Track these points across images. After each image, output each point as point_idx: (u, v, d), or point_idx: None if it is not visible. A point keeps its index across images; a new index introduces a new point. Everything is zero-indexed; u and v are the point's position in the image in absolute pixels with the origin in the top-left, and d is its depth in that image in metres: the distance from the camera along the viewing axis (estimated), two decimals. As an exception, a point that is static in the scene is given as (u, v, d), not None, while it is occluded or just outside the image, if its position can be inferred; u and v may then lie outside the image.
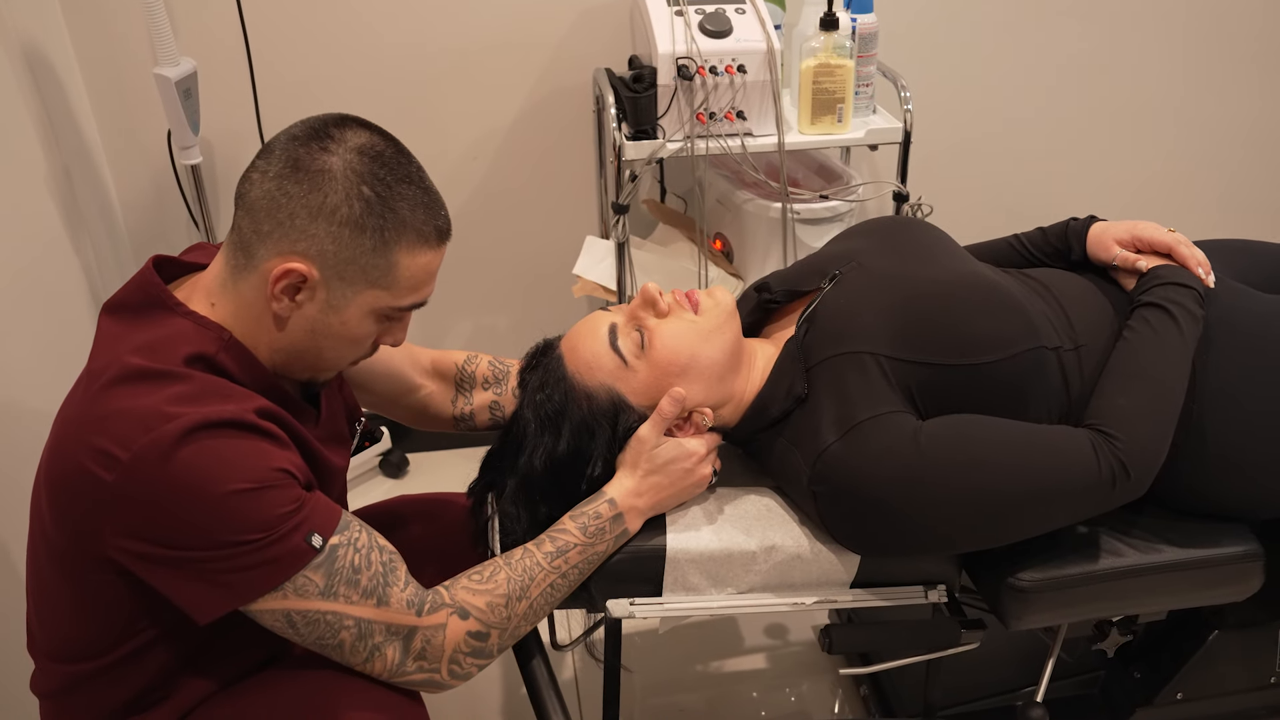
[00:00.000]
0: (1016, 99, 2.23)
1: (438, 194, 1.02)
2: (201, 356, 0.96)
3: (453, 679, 1.04)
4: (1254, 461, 1.18)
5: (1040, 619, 1.20)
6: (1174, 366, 1.13)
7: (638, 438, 1.13)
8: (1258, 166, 2.40)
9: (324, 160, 0.95)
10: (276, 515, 0.92)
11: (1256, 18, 2.23)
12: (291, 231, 0.95)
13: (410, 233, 0.98)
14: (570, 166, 2.13)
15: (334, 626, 0.97)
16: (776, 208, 1.79)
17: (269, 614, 0.95)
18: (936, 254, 1.24)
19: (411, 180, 0.99)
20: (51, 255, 1.75)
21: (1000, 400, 1.12)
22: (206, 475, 0.89)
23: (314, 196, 0.94)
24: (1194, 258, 1.21)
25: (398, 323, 1.06)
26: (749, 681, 1.78)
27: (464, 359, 1.38)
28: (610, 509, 1.11)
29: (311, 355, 1.03)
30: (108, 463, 0.89)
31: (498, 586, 1.05)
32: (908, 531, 1.09)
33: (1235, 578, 1.21)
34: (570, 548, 1.09)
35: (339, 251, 0.96)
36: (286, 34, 1.93)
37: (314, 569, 0.95)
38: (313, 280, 0.96)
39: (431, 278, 1.03)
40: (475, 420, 1.37)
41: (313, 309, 0.99)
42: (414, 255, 0.99)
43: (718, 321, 1.15)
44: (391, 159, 0.98)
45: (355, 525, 1.00)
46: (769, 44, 1.68)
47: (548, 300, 2.23)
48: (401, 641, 1.00)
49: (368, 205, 0.95)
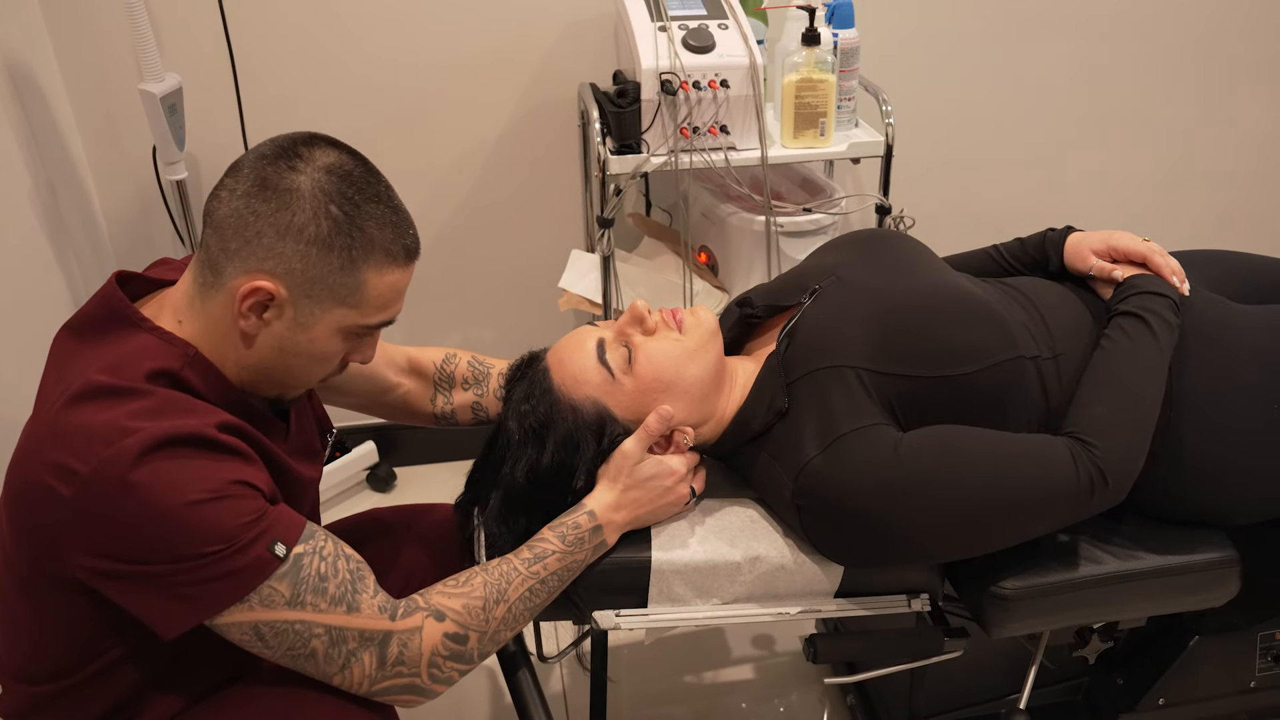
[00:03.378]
0: (997, 113, 2.26)
1: (406, 213, 1.03)
2: (165, 372, 0.96)
3: (434, 684, 1.03)
4: (1228, 469, 1.19)
5: (1022, 626, 1.21)
6: (1151, 375, 1.15)
7: (621, 452, 1.13)
8: (1241, 179, 2.43)
9: (292, 179, 0.95)
10: (236, 525, 0.91)
11: (1238, 31, 2.27)
12: (259, 250, 0.95)
13: (378, 252, 0.98)
14: (555, 181, 2.14)
15: (304, 636, 0.96)
16: (760, 221, 1.80)
17: (236, 628, 0.94)
18: (914, 266, 1.25)
19: (380, 199, 0.99)
20: (35, 270, 1.75)
21: (980, 410, 1.13)
22: (165, 488, 0.89)
23: (282, 215, 0.94)
24: (1169, 266, 1.23)
25: (366, 340, 1.06)
26: (737, 693, 1.79)
27: (442, 358, 1.37)
28: (589, 520, 1.11)
29: (280, 372, 1.03)
30: (67, 477, 0.89)
31: (474, 590, 1.05)
32: (890, 542, 1.10)
33: (1213, 583, 1.23)
34: (548, 554, 1.09)
35: (306, 270, 0.96)
36: (272, 49, 1.94)
37: (279, 579, 0.94)
38: (280, 298, 0.96)
39: (400, 296, 1.03)
40: (457, 419, 1.37)
41: (280, 327, 0.99)
42: (382, 274, 0.99)
43: (701, 340, 1.16)
44: (360, 178, 0.98)
45: (320, 535, 1.00)
46: (751, 59, 1.69)
47: (534, 313, 2.24)
48: (377, 648, 0.99)
49: (335, 224, 0.95)
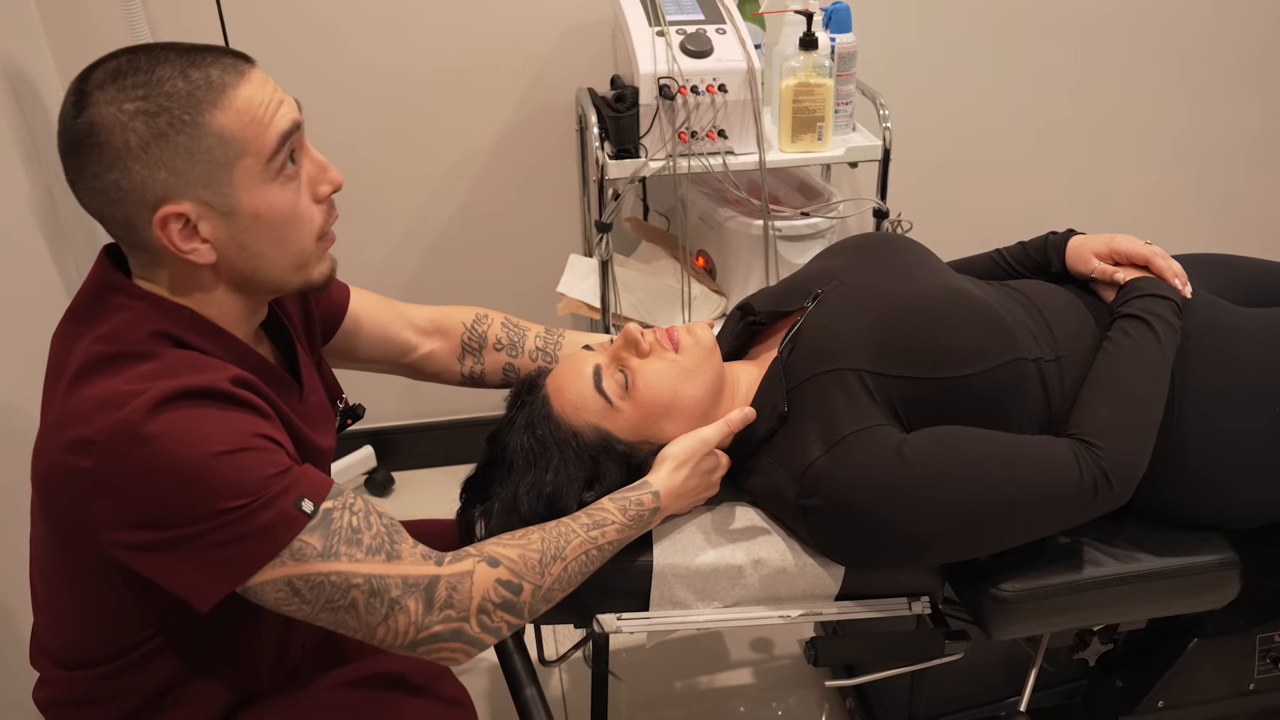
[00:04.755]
0: (994, 117, 2.27)
1: (201, 46, 0.92)
2: (167, 334, 0.93)
3: (483, 633, 0.99)
4: (1230, 471, 1.20)
5: (1022, 629, 1.21)
6: (1153, 377, 1.15)
7: (702, 438, 1.14)
8: (1242, 182, 2.44)
9: (86, 123, 0.88)
10: (262, 478, 0.88)
11: (1237, 35, 2.28)
12: (130, 196, 0.89)
13: (200, 96, 0.89)
14: (553, 185, 2.15)
15: (341, 587, 0.92)
16: (758, 225, 1.80)
17: (270, 586, 0.90)
18: (916, 269, 1.26)
19: (161, 61, 0.89)
20: (33, 274, 1.74)
21: (982, 412, 1.14)
22: (184, 440, 0.86)
23: (107, 154, 0.88)
24: (1170, 269, 1.23)
25: (300, 166, 0.96)
26: (736, 696, 1.79)
27: (473, 318, 1.35)
28: (653, 500, 1.11)
29: (264, 265, 0.96)
30: (83, 449, 0.87)
31: (531, 543, 1.02)
32: (893, 543, 1.10)
33: (1213, 586, 1.23)
34: (608, 523, 1.07)
35: (174, 169, 0.89)
36: (271, 54, 1.93)
37: (309, 532, 0.90)
38: (191, 210, 0.90)
39: (266, 102, 0.92)
40: (486, 380, 1.36)
41: (219, 227, 0.92)
42: (226, 107, 0.89)
43: (698, 360, 1.16)
44: (128, 63, 0.89)
45: (350, 493, 0.96)
46: (749, 64, 1.70)
47: (532, 318, 2.21)
48: (423, 593, 0.95)
49: (145, 115, 0.87)
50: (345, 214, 2.06)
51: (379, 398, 2.20)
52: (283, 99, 0.94)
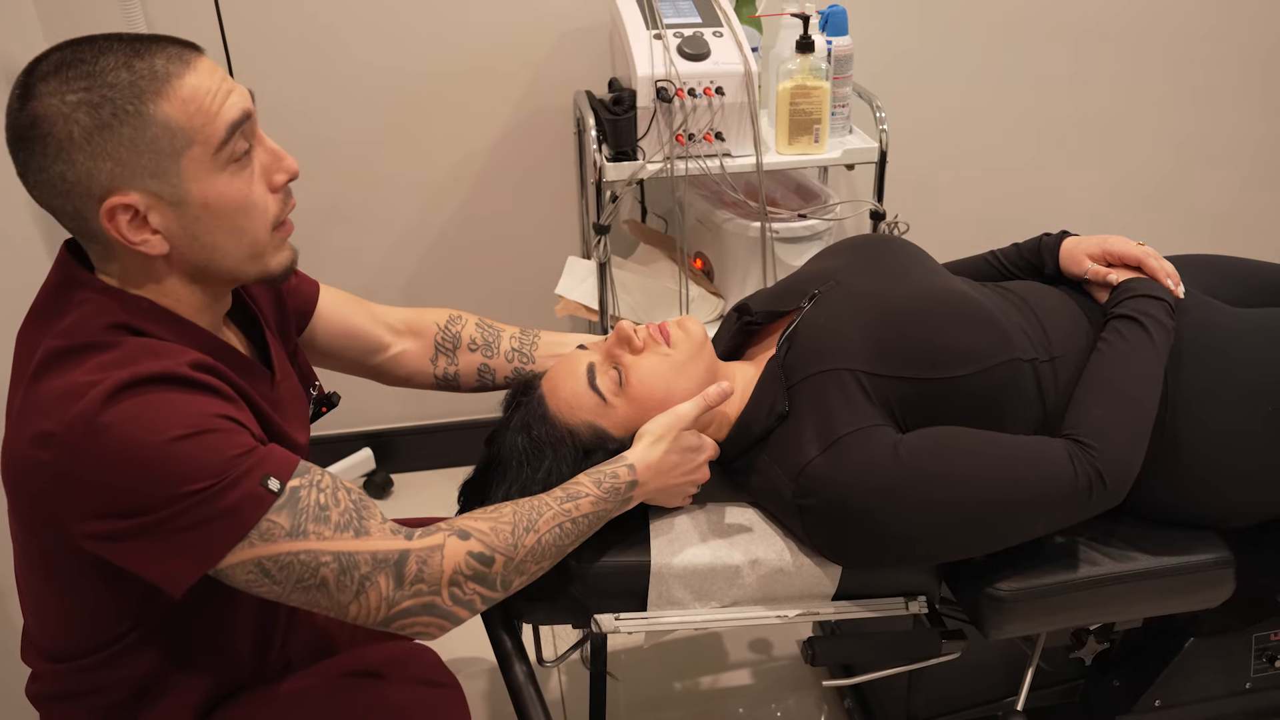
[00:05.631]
0: (991, 118, 2.27)
1: (147, 36, 0.91)
2: (125, 325, 0.92)
3: (456, 606, 0.98)
4: (1224, 471, 1.20)
5: (1018, 628, 1.22)
6: (1147, 377, 1.16)
7: (675, 412, 1.13)
8: (1244, 188, 2.45)
9: (30, 116, 0.87)
10: (225, 459, 0.88)
11: (1231, 38, 2.29)
12: (78, 189, 0.88)
13: (144, 87, 0.87)
14: (552, 188, 2.15)
15: (310, 566, 0.92)
16: (755, 227, 1.81)
17: (240, 569, 0.90)
18: (912, 270, 1.27)
19: (105, 52, 0.88)
20: (32, 278, 1.75)
21: (977, 412, 1.14)
22: (140, 427, 0.85)
23: (50, 146, 0.87)
24: (1163, 269, 1.24)
25: (254, 154, 0.95)
26: (735, 697, 1.79)
27: (446, 319, 1.34)
28: (629, 473, 1.10)
29: (218, 256, 0.94)
30: (44, 442, 0.86)
31: (503, 515, 1.02)
32: (889, 542, 1.11)
33: (1208, 585, 1.24)
34: (581, 496, 1.07)
35: (119, 160, 0.87)
36: (268, 57, 1.95)
37: (276, 511, 0.90)
38: (139, 201, 0.89)
39: (214, 92, 0.90)
40: (460, 382, 1.35)
41: (169, 218, 0.91)
42: (171, 96, 0.88)
43: (690, 353, 1.17)
44: (72, 54, 0.88)
45: (317, 470, 0.95)
46: (746, 66, 1.71)
47: (530, 320, 2.21)
48: (393, 569, 0.95)
49: (89, 106, 0.86)
50: (344, 215, 2.08)
51: (378, 400, 2.20)
52: (232, 89, 0.92)
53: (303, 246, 1.05)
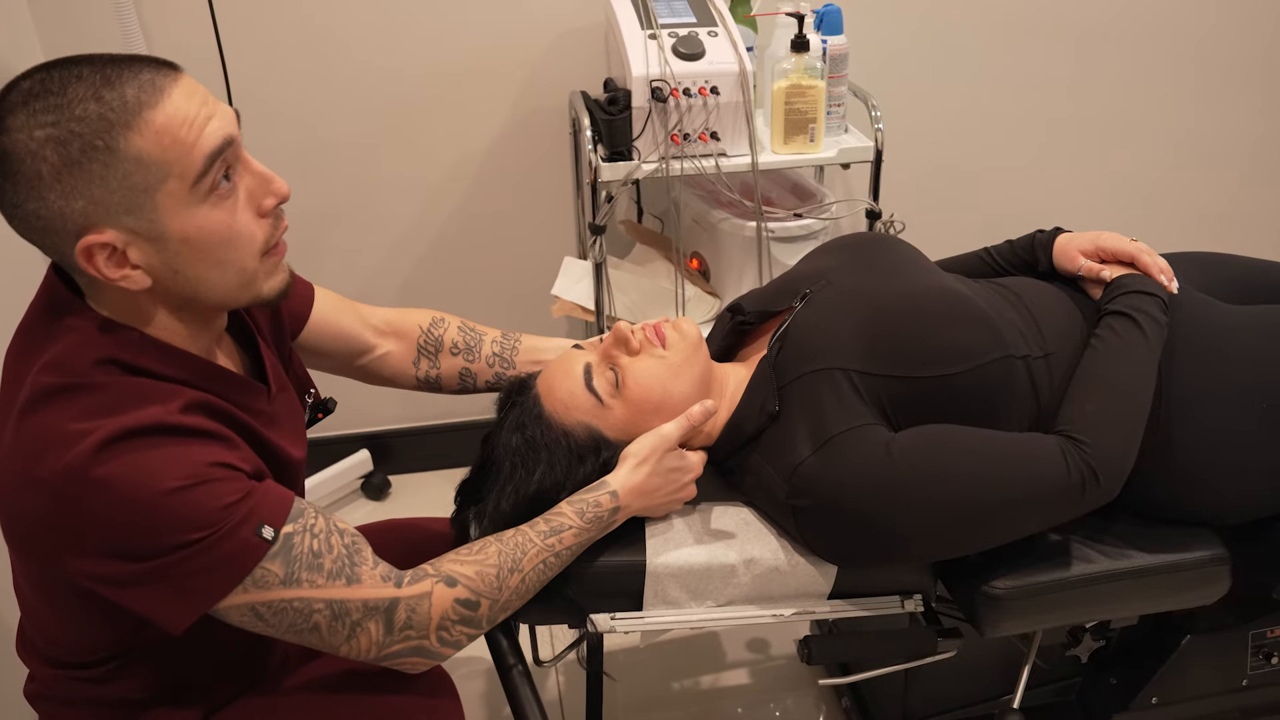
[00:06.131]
0: (986, 117, 2.28)
1: (121, 58, 0.86)
2: (113, 359, 0.89)
3: (443, 647, 1.01)
4: (1218, 467, 1.20)
5: (1014, 626, 1.22)
6: (1140, 373, 1.16)
7: (660, 434, 1.13)
8: (1232, 184, 2.45)
9: (0, 148, 0.83)
10: (219, 508, 0.87)
11: (1229, 37, 2.29)
12: (53, 226, 0.85)
13: (114, 120, 0.82)
14: (548, 188, 2.15)
15: (304, 613, 0.94)
16: (751, 227, 1.81)
17: (235, 611, 0.92)
18: (904, 268, 1.26)
19: (74, 79, 0.83)
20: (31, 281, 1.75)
21: (971, 410, 1.14)
22: (134, 484, 0.84)
23: (20, 183, 0.83)
24: (1157, 265, 1.24)
25: (239, 180, 0.90)
26: (732, 697, 1.79)
27: (429, 322, 1.33)
28: (611, 500, 1.11)
29: (203, 288, 0.91)
30: (38, 489, 0.86)
31: (488, 558, 1.03)
32: (883, 541, 1.11)
33: (1203, 582, 1.24)
34: (565, 529, 1.08)
35: (91, 198, 0.83)
36: (264, 57, 1.95)
37: (270, 560, 0.91)
38: (116, 238, 0.85)
39: (191, 120, 0.85)
40: (442, 385, 1.35)
41: (149, 254, 0.87)
42: (144, 129, 0.83)
43: (685, 354, 1.17)
44: (40, 83, 0.83)
45: (311, 511, 0.96)
46: (741, 66, 1.71)
47: (526, 320, 2.24)
48: (383, 616, 0.97)
49: (55, 142, 0.82)
50: (341, 216, 2.08)
51: (376, 401, 2.20)
52: (211, 114, 0.87)
53: (300, 247, 1.05)
